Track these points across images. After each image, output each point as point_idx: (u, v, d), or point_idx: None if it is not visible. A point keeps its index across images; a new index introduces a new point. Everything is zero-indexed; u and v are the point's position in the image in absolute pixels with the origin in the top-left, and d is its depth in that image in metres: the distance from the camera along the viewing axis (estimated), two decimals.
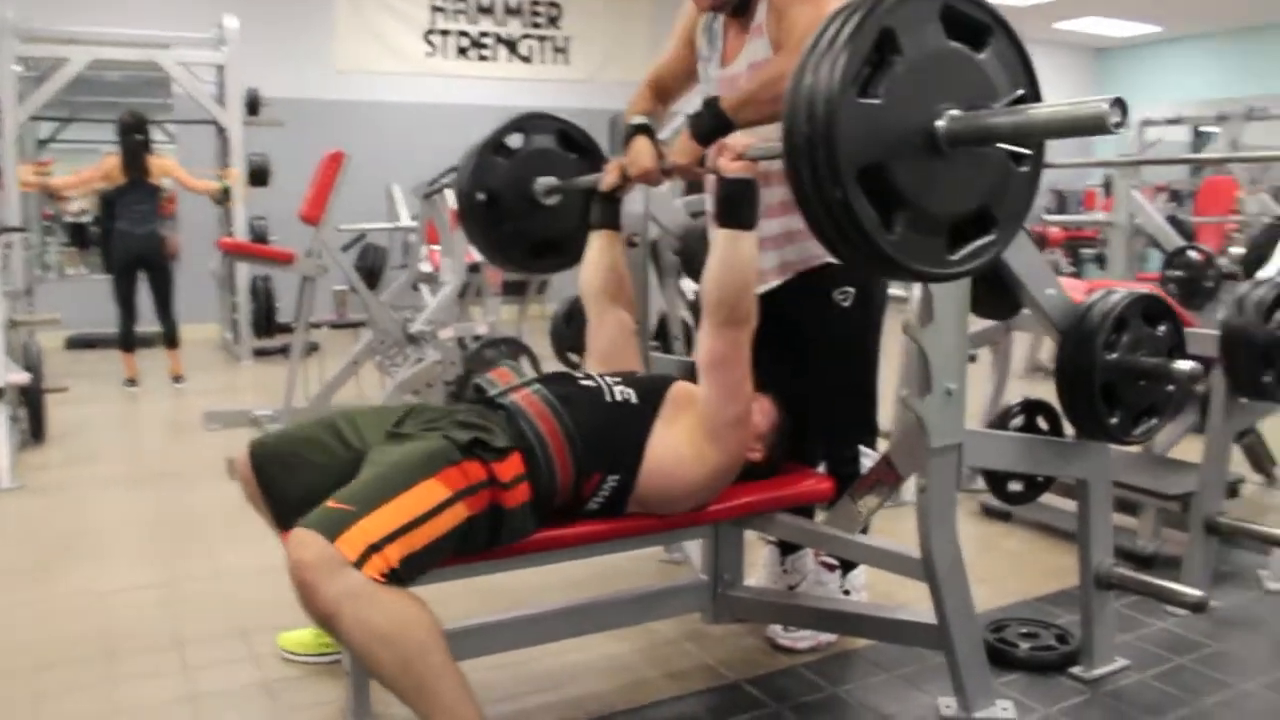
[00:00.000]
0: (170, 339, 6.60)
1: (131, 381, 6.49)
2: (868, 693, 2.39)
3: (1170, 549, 3.19)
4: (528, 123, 2.93)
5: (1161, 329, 2.29)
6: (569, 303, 5.21)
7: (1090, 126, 1.41)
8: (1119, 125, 1.36)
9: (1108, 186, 9.16)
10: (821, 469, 2.60)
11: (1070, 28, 12.32)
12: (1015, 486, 2.55)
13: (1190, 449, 3.60)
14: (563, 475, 2.01)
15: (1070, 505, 3.10)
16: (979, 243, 1.68)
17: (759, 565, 2.81)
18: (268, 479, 2.07)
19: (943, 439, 2.06)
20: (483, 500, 1.87)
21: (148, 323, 6.70)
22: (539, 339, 5.56)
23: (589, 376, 2.21)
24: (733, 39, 2.45)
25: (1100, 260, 8.23)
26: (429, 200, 5.30)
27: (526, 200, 2.87)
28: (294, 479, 2.04)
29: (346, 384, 5.14)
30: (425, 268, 5.67)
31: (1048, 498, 2.86)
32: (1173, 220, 5.55)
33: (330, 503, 1.73)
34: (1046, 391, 2.41)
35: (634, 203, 2.97)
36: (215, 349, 8.28)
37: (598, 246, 2.63)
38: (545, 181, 2.86)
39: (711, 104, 2.29)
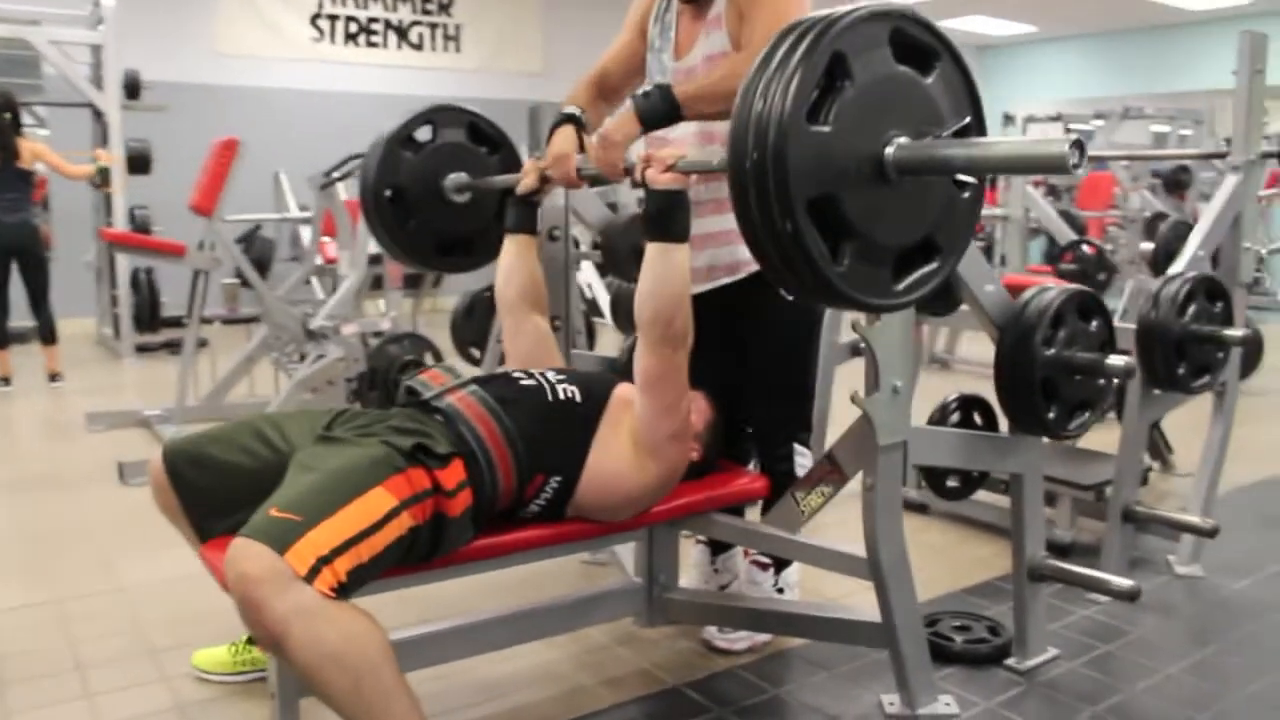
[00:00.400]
0: (46, 335, 6.21)
1: (4, 380, 6.10)
2: (810, 693, 2.36)
3: (1085, 537, 3.27)
4: (437, 115, 2.82)
5: (1094, 325, 2.33)
6: (469, 297, 5.09)
7: (1049, 166, 1.40)
8: (1077, 167, 1.35)
9: (992, 181, 9.41)
10: (753, 466, 2.58)
11: (954, 26, 12.63)
12: (953, 482, 2.56)
13: (1094, 439, 3.69)
14: (505, 480, 1.93)
15: (987, 497, 3.17)
16: (923, 271, 1.67)
17: (689, 565, 2.76)
18: (185, 484, 1.93)
19: (890, 436, 2.05)
20: (427, 509, 1.77)
21: (20, 316, 6.30)
22: (436, 333, 5.41)
23: (529, 375, 2.12)
24: (686, 28, 2.38)
25: (985, 253, 8.44)
26: (325, 191, 5.10)
27: (435, 197, 2.77)
28: (214, 484, 1.91)
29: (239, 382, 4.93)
30: (318, 260, 5.48)
31: None
32: (1065, 215, 5.72)
33: (273, 511, 1.61)
34: (946, 382, 2.41)
35: (554, 195, 2.89)
36: (93, 345, 7.85)
37: (514, 252, 2.51)
38: (456, 179, 2.77)
39: (664, 88, 2.18)
